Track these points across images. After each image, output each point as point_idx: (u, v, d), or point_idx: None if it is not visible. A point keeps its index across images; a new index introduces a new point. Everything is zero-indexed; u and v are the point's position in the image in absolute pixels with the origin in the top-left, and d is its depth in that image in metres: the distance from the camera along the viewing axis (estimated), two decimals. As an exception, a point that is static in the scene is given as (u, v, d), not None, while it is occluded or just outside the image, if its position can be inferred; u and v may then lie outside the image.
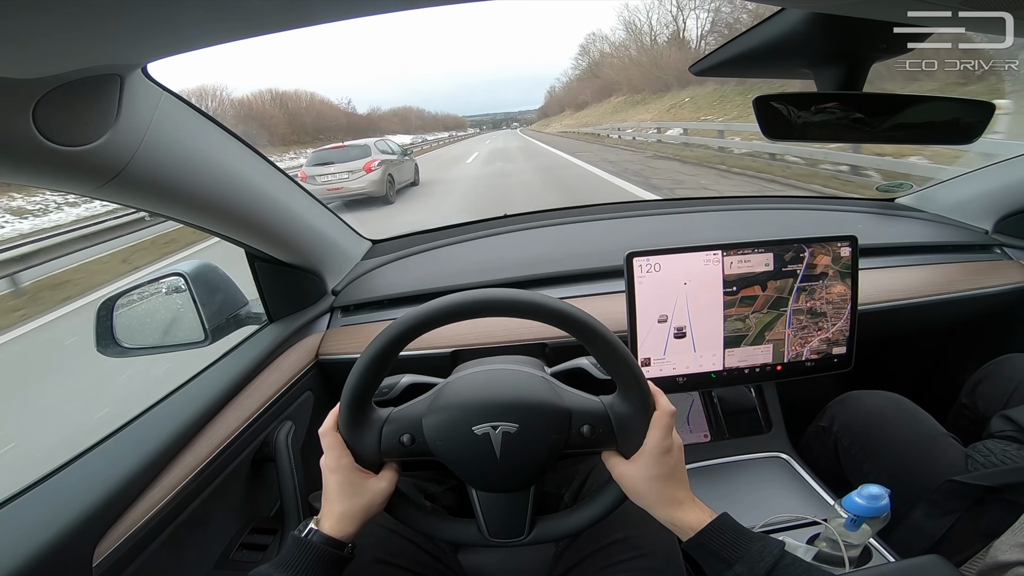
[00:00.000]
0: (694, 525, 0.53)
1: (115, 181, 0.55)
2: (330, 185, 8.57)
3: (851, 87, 0.55)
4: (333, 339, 1.08)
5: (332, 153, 9.17)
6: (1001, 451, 0.86)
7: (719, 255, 0.94)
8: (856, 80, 0.55)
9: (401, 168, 9.92)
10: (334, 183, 8.55)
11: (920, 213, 1.37)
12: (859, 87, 0.56)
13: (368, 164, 8.67)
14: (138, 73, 0.53)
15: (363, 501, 0.56)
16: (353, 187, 8.52)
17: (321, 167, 8.83)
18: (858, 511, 0.72)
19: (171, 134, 0.61)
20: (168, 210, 0.69)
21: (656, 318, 0.95)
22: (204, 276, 0.95)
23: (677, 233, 1.33)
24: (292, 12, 0.39)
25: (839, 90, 0.56)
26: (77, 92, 0.45)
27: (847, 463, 0.99)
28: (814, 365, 1.01)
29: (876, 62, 0.55)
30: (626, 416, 0.56)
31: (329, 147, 9.81)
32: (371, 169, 8.61)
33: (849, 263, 0.98)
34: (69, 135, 0.47)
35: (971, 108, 0.58)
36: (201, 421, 0.77)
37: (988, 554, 0.66)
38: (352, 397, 0.55)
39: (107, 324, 0.90)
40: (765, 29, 0.54)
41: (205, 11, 0.36)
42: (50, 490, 0.62)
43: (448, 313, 0.53)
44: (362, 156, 8.85)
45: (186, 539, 0.72)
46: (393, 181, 9.16)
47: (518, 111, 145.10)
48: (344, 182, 8.53)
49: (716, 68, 0.64)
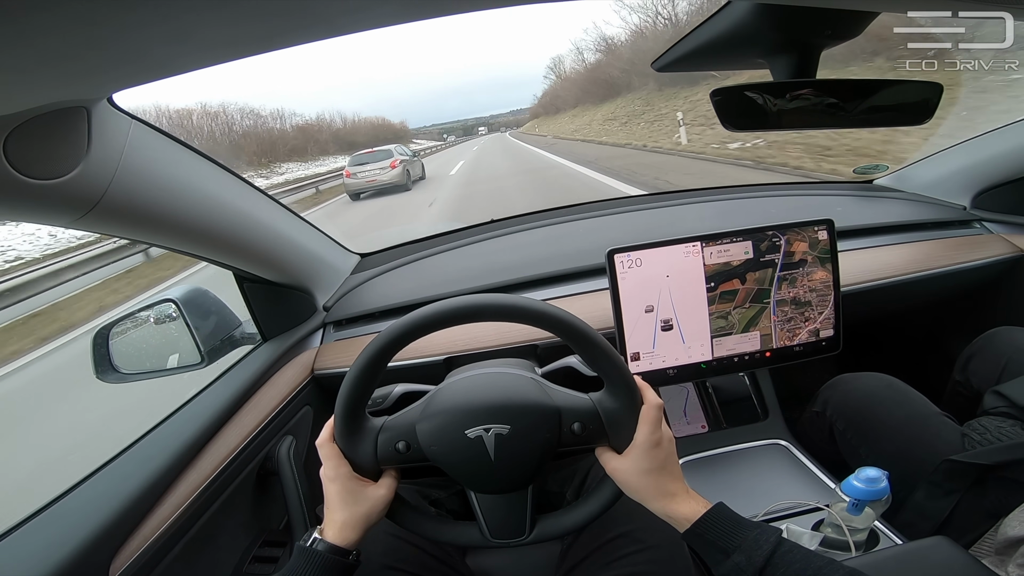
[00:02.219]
0: (689, 516, 0.54)
1: (93, 212, 0.56)
2: (367, 178, 12.21)
3: (804, 75, 0.57)
4: (327, 354, 1.10)
5: (366, 156, 13.00)
6: (996, 428, 0.86)
7: (699, 246, 0.95)
8: (808, 68, 0.57)
9: (413, 165, 13.48)
10: (370, 176, 12.22)
11: (898, 193, 1.38)
12: (812, 74, 0.57)
13: (392, 163, 12.29)
14: (104, 104, 0.54)
15: (363, 509, 0.57)
16: (382, 179, 12.15)
17: (360, 166, 12.55)
18: (857, 495, 0.73)
19: (145, 161, 0.62)
20: (151, 237, 0.70)
21: (643, 309, 0.96)
22: (195, 300, 0.97)
23: (659, 227, 1.34)
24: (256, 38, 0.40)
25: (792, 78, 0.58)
26: (45, 126, 0.46)
27: (844, 447, 0.99)
28: (803, 350, 1.02)
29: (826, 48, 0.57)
30: (614, 411, 0.57)
31: (363, 152, 13.62)
32: (395, 166, 12.22)
33: (827, 248, 0.99)
34: (42, 168, 0.48)
35: (919, 89, 0.59)
36: (203, 439, 0.79)
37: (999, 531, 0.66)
38: (345, 408, 0.56)
39: (104, 351, 0.91)
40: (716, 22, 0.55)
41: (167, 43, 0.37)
42: (63, 510, 0.63)
43: (429, 323, 0.54)
44: (387, 157, 12.53)
45: (198, 554, 0.74)
46: (409, 174, 12.64)
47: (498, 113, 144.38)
48: (377, 176, 12.20)
49: (677, 63, 0.66)
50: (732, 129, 0.59)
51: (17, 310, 5.73)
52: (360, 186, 12.32)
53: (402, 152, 13.47)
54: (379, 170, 12.18)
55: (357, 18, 0.39)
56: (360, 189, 12.30)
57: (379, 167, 12.23)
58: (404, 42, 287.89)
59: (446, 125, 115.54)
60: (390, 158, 12.40)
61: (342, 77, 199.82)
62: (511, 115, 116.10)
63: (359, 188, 12.32)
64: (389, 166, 12.17)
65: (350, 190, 12.53)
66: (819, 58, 0.57)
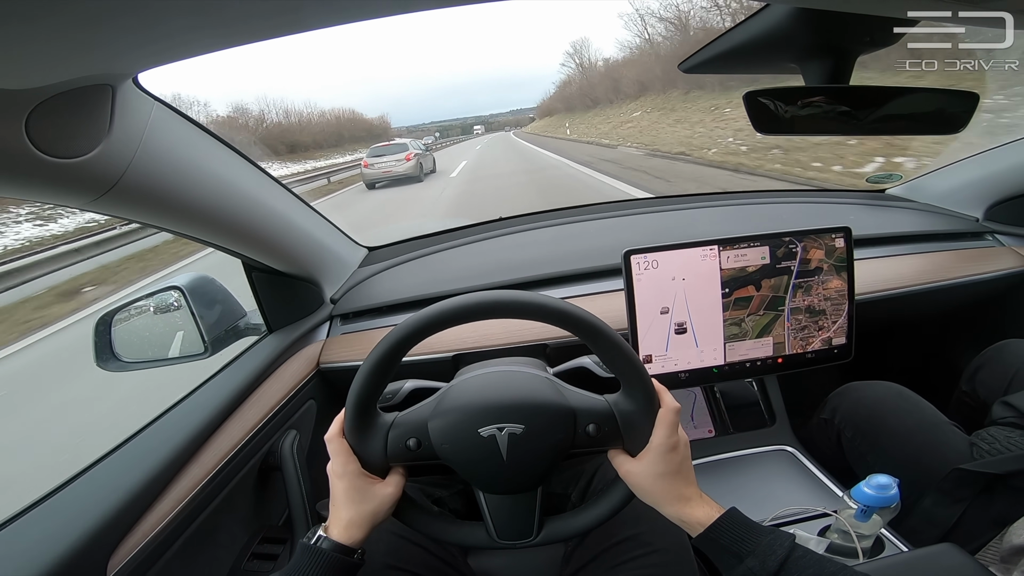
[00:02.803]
0: (703, 521, 0.53)
1: (110, 193, 0.55)
2: (383, 168, 13.22)
3: (838, 80, 0.56)
4: (333, 347, 1.08)
5: (384, 148, 14.04)
6: (1005, 438, 0.87)
7: (716, 250, 0.94)
8: (842, 73, 0.56)
9: (426, 159, 14.57)
10: (386, 167, 13.22)
11: (911, 203, 1.38)
12: (845, 80, 0.56)
13: (407, 155, 13.31)
14: (129, 83, 0.53)
15: (371, 507, 0.56)
16: (398, 170, 13.14)
17: (377, 157, 13.50)
18: (868, 501, 0.72)
19: (165, 145, 0.60)
20: (163, 222, 0.69)
21: (659, 310, 0.96)
22: (201, 288, 0.95)
23: (673, 230, 1.34)
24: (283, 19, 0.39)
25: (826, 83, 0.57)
26: (69, 103, 0.45)
27: (851, 454, 0.99)
28: (815, 357, 1.02)
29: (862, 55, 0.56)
30: (631, 414, 0.56)
31: (381, 144, 14.88)
32: (410, 159, 13.25)
33: (844, 255, 0.98)
34: (63, 147, 0.47)
35: (956, 98, 0.59)
36: (205, 433, 0.77)
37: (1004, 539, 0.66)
38: (357, 402, 0.55)
39: (106, 339, 0.90)
40: (751, 25, 0.55)
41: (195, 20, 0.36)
42: (61, 503, 0.62)
43: (451, 316, 0.53)
44: (403, 151, 13.54)
45: (197, 550, 0.72)
46: (422, 167, 13.73)
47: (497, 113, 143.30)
48: (393, 167, 13.21)
49: (704, 65, 0.65)
50: (763, 132, 0.58)
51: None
52: (376, 176, 13.28)
53: (416, 147, 14.64)
54: (395, 162, 13.27)
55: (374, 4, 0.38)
56: (376, 179, 13.30)
57: (395, 159, 13.34)
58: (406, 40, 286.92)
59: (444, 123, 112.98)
60: (405, 151, 13.52)
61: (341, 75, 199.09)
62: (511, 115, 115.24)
63: (375, 178, 13.30)
64: (404, 159, 13.26)
65: (367, 179, 13.46)
66: (854, 64, 0.56)
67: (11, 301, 5.53)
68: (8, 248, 8.10)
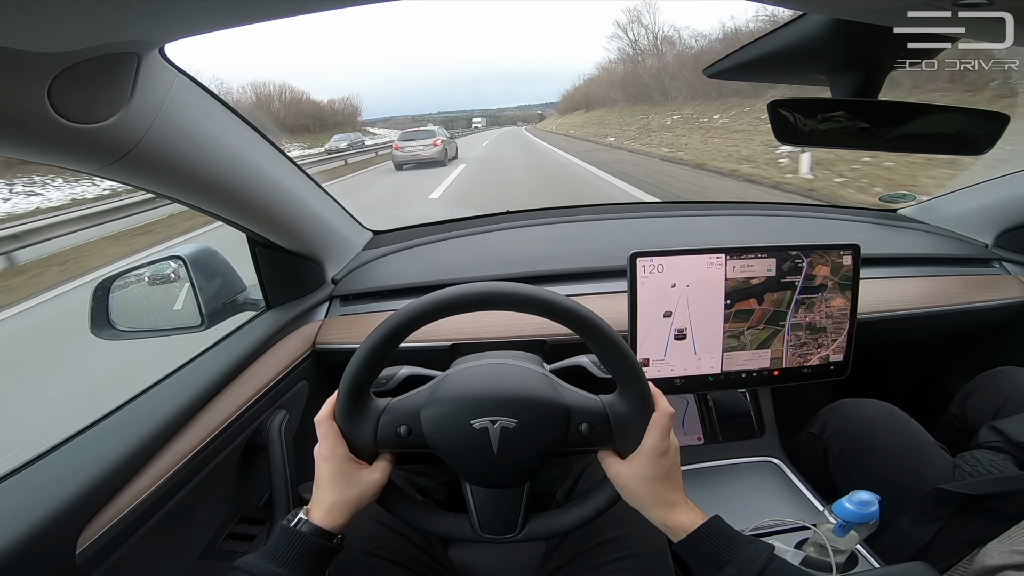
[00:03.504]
0: (686, 527, 0.53)
1: (124, 160, 0.54)
2: (412, 152, 14.61)
3: (866, 95, 0.55)
4: (331, 328, 1.07)
5: (414, 133, 15.73)
6: (988, 461, 0.87)
7: (722, 258, 0.94)
8: (871, 88, 0.55)
9: (451, 146, 15.96)
10: (415, 151, 14.63)
11: (921, 225, 1.38)
12: (874, 95, 0.56)
13: (435, 141, 14.78)
14: (155, 53, 0.52)
15: (355, 492, 0.55)
16: (426, 154, 14.58)
17: (407, 141, 15.02)
18: (848, 517, 0.73)
19: (182, 116, 0.60)
20: (174, 192, 0.68)
21: (660, 314, 0.95)
22: (203, 260, 0.94)
23: (679, 235, 1.33)
24: None
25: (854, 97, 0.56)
26: (94, 69, 0.45)
27: (836, 470, 0.99)
28: (811, 372, 1.02)
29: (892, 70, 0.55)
30: (625, 416, 0.56)
31: (411, 129, 16.73)
32: (437, 144, 14.66)
33: (849, 274, 0.98)
34: (82, 112, 0.47)
35: (983, 119, 0.58)
36: (195, 407, 0.76)
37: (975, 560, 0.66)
38: (351, 386, 0.55)
39: (103, 305, 0.89)
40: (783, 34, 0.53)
41: None
42: (35, 475, 0.60)
43: (453, 304, 0.53)
44: (431, 136, 15.11)
45: (173, 528, 0.71)
46: (447, 153, 15.05)
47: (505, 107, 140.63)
48: (421, 151, 14.64)
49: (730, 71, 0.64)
50: (785, 143, 0.57)
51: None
52: (405, 158, 14.59)
53: (443, 134, 16.21)
54: (423, 146, 14.69)
55: None
56: (405, 161, 14.61)
57: (423, 144, 14.77)
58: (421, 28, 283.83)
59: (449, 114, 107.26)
60: (433, 137, 15.06)
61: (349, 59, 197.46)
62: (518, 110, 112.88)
63: (404, 160, 14.61)
64: (432, 144, 14.72)
65: (396, 161, 14.77)
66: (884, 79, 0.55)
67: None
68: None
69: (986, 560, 0.63)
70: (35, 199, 9.30)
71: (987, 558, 0.64)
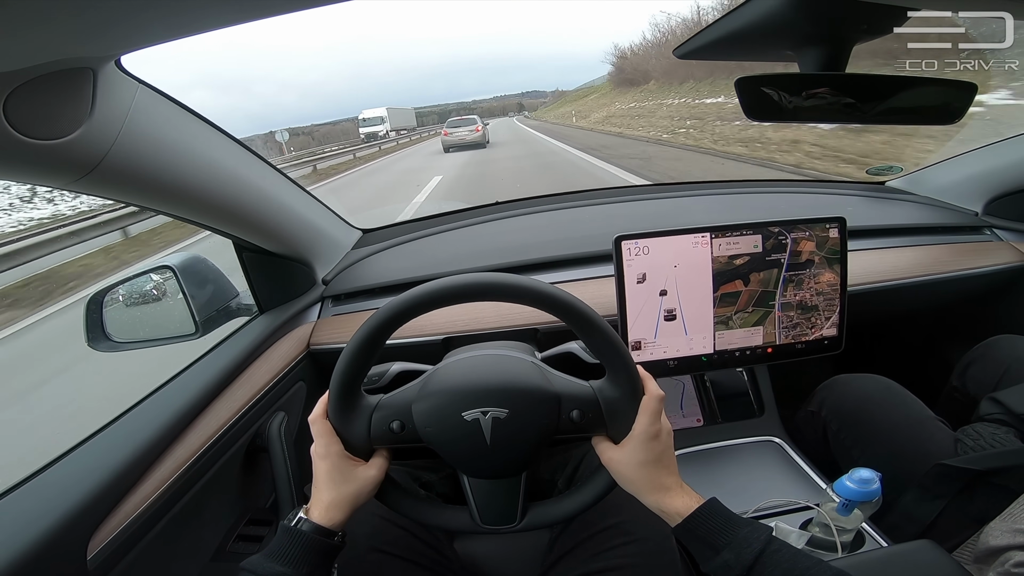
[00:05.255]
0: (681, 511, 0.53)
1: (93, 174, 0.54)
2: (459, 136, 17.96)
3: (833, 68, 0.55)
4: (324, 328, 1.08)
5: (459, 121, 19.23)
6: (990, 434, 0.86)
7: (707, 237, 0.94)
8: (838, 61, 0.55)
9: (487, 131, 19.26)
10: (461, 135, 17.99)
11: (910, 195, 1.37)
12: (841, 68, 0.55)
13: (477, 127, 18.34)
14: (111, 66, 0.52)
15: (352, 488, 0.56)
16: (470, 139, 17.96)
17: (455, 128, 18.51)
18: (849, 495, 0.72)
19: (149, 126, 0.60)
20: (151, 202, 0.69)
21: (650, 295, 0.95)
22: (193, 268, 0.95)
23: (666, 217, 1.33)
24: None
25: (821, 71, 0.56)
26: (49, 86, 0.45)
27: (837, 448, 0.99)
28: (805, 348, 1.02)
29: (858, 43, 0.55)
30: (615, 401, 0.56)
31: (457, 118, 20.20)
32: (479, 130, 18.26)
33: (836, 247, 0.97)
34: (42, 129, 0.46)
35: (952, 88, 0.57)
36: (192, 413, 0.77)
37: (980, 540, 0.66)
38: (340, 384, 0.55)
39: (97, 318, 0.90)
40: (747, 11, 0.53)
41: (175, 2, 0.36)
42: (43, 483, 0.62)
43: (434, 298, 0.53)
44: (474, 123, 18.67)
45: (181, 531, 0.73)
46: (486, 136, 18.60)
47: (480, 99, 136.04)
48: (466, 136, 18.05)
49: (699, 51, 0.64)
50: (755, 119, 0.57)
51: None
52: (453, 142, 17.77)
53: (483, 121, 19.90)
54: (468, 132, 18.28)
55: None
56: (452, 144, 17.76)
57: (468, 130, 18.40)
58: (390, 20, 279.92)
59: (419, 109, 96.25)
60: (475, 124, 18.63)
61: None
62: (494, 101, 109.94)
63: (452, 144, 17.78)
64: (475, 130, 18.29)
65: (445, 144, 17.89)
66: (850, 52, 0.55)
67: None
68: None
69: (990, 540, 0.63)
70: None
71: (991, 538, 0.63)
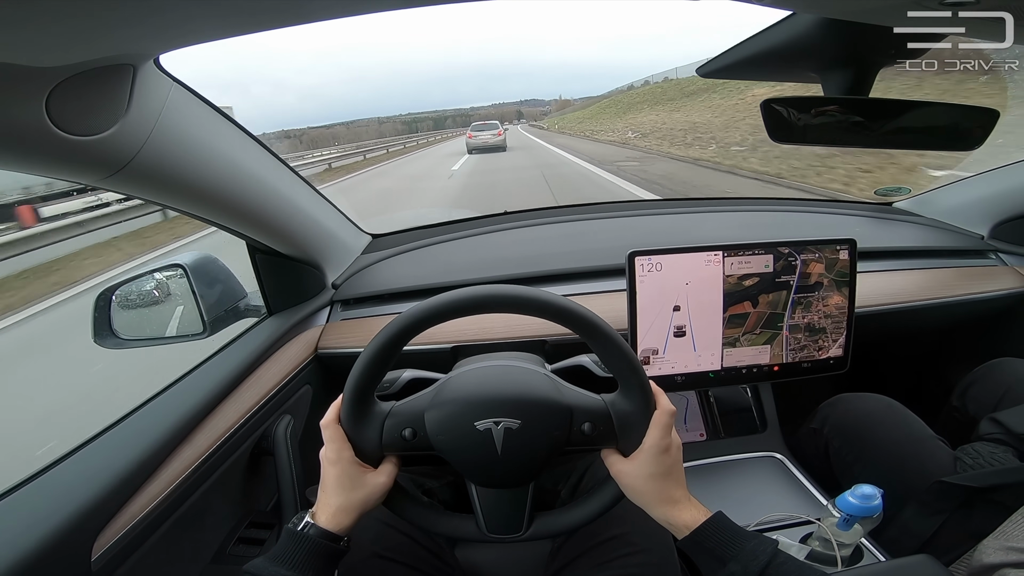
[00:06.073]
0: (689, 523, 0.54)
1: (123, 171, 0.55)
2: (483, 139, 18.68)
3: (858, 92, 0.56)
4: (333, 333, 1.08)
5: (483, 125, 20.28)
6: (989, 453, 0.87)
7: (720, 256, 0.94)
8: (863, 85, 0.56)
9: (507, 135, 20.51)
10: (485, 139, 18.74)
11: (917, 217, 1.38)
12: (866, 92, 0.56)
13: (499, 131, 19.34)
14: (150, 64, 0.53)
15: (361, 495, 0.56)
16: (492, 142, 18.62)
17: (478, 132, 19.35)
18: (851, 510, 0.73)
19: (179, 126, 0.60)
20: (173, 201, 0.69)
21: (661, 311, 0.95)
22: (204, 267, 0.95)
23: (678, 233, 1.33)
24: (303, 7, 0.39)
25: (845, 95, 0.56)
26: (90, 82, 0.45)
27: (838, 465, 0.99)
28: (810, 367, 1.02)
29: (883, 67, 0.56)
30: (627, 414, 0.56)
31: (480, 123, 21.36)
32: (501, 134, 19.16)
33: (846, 270, 0.98)
34: (80, 125, 0.47)
35: (974, 114, 0.58)
36: (200, 414, 0.77)
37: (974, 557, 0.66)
38: (355, 389, 0.55)
39: (105, 314, 0.89)
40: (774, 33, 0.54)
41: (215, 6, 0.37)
42: (49, 483, 0.61)
43: (455, 308, 0.53)
44: (496, 127, 19.67)
45: (184, 533, 0.72)
46: (506, 140, 19.41)
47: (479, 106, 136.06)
48: (489, 139, 18.75)
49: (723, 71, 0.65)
50: (778, 141, 0.58)
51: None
52: (477, 145, 18.47)
53: (504, 126, 21.38)
54: (491, 135, 19.04)
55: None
56: (476, 147, 18.43)
57: (491, 133, 19.23)
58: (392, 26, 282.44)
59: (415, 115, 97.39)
60: (497, 128, 19.77)
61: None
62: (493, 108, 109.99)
63: (475, 146, 18.47)
64: (497, 134, 19.13)
65: (470, 147, 18.47)
66: (875, 76, 0.56)
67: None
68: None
69: (984, 558, 0.63)
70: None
71: (984, 555, 0.64)
